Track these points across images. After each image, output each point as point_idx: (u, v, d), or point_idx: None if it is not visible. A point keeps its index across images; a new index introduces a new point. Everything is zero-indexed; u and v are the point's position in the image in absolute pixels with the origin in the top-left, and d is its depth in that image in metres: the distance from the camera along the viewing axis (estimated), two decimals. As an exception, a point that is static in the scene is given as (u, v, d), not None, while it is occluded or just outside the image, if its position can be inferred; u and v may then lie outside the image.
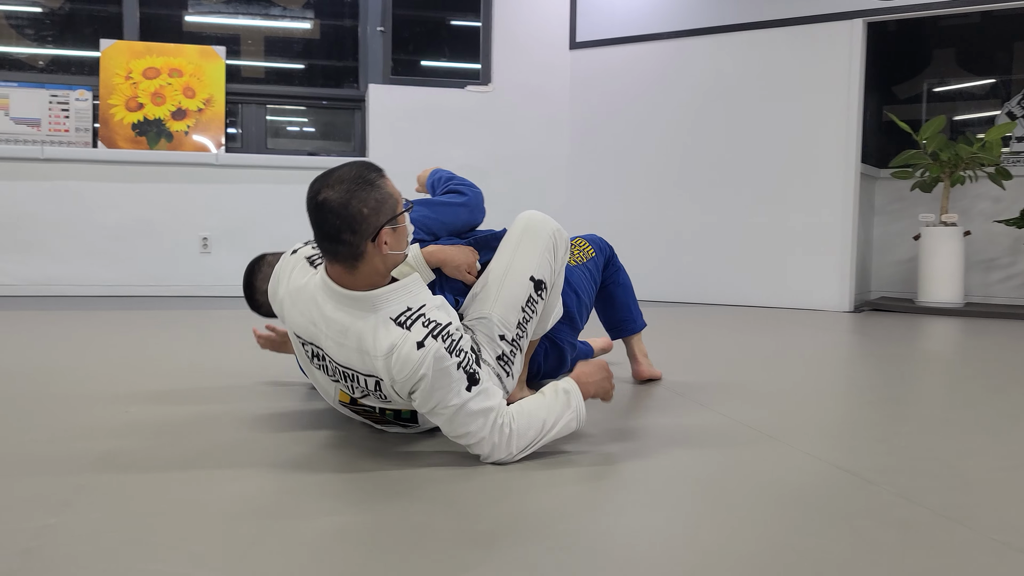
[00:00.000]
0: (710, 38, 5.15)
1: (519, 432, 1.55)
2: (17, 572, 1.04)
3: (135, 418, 1.89)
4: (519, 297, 1.78)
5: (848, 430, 1.90)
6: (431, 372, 1.45)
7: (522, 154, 5.66)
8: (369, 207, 1.43)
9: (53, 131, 5.16)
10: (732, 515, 1.29)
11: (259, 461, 1.55)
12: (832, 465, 1.59)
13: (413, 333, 1.47)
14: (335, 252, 1.46)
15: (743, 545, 1.17)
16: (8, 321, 3.71)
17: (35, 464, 1.51)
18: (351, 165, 1.47)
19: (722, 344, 3.36)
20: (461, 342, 1.51)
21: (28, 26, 5.36)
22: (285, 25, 5.73)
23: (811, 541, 1.19)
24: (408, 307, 1.50)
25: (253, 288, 1.94)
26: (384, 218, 1.45)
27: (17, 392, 2.16)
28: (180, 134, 5.28)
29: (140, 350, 2.94)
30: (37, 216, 5.01)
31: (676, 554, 1.14)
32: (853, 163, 4.81)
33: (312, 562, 1.08)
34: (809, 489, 1.44)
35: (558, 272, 1.87)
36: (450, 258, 1.98)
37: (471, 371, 1.51)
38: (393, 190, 1.49)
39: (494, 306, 1.74)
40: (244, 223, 5.28)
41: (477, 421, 1.50)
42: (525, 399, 1.61)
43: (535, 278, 1.81)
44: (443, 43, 5.95)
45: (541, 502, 1.35)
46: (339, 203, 1.41)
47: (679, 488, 1.44)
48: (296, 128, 5.96)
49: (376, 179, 1.46)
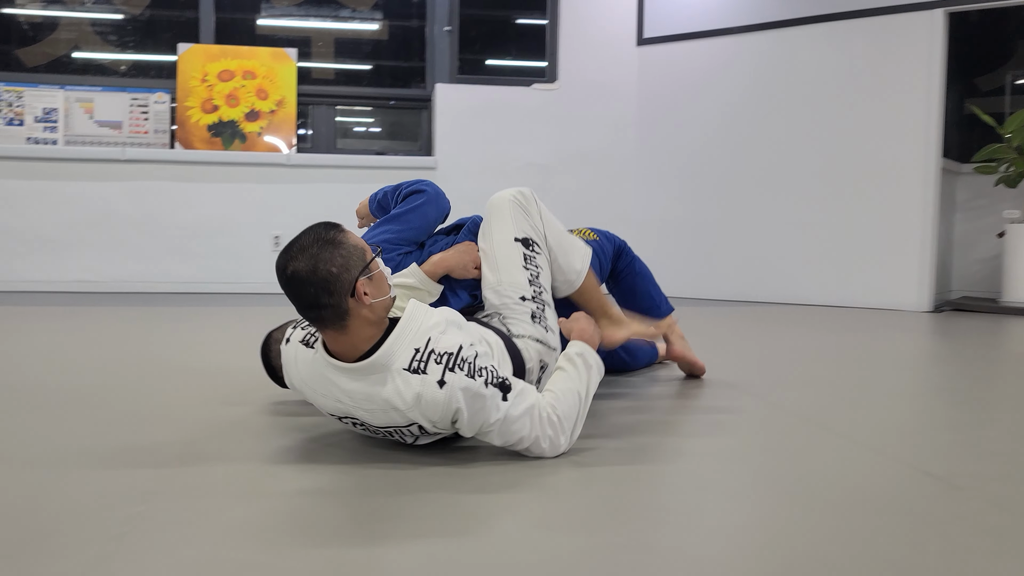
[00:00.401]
0: (782, 31, 5.04)
1: (565, 415, 1.57)
2: (112, 555, 1.07)
3: (215, 412, 1.94)
4: (514, 260, 1.88)
5: (932, 433, 1.84)
6: (463, 402, 1.45)
7: (588, 152, 5.64)
8: (337, 265, 1.41)
9: (133, 133, 5.34)
10: (815, 519, 1.26)
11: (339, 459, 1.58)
12: (917, 469, 1.54)
13: (430, 375, 1.45)
14: (321, 319, 1.44)
15: (829, 550, 1.14)
16: (94, 316, 3.85)
17: (123, 455, 1.56)
18: (308, 231, 1.45)
19: (795, 344, 3.28)
20: (478, 360, 1.49)
21: (111, 32, 5.56)
22: (354, 27, 5.81)
23: (901, 548, 1.15)
24: (416, 349, 1.47)
25: (273, 369, 1.97)
26: (355, 271, 1.43)
27: (103, 384, 2.24)
28: (253, 135, 5.40)
29: (217, 344, 3.02)
30: (119, 215, 5.20)
31: (757, 558, 1.12)
32: (933, 158, 4.65)
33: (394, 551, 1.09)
34: (894, 494, 1.39)
35: (543, 225, 1.94)
36: (453, 264, 2.01)
37: (499, 381, 1.50)
38: (356, 241, 1.47)
39: (500, 279, 1.86)
40: (313, 221, 5.37)
41: (524, 425, 1.51)
42: (553, 381, 1.64)
43: (518, 237, 1.91)
44: (509, 42, 5.96)
45: (614, 499, 1.33)
46: (307, 271, 1.40)
47: (757, 490, 1.41)
48: (363, 128, 6.05)
49: (335, 236, 1.44)
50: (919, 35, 4.65)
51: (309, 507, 1.27)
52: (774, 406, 2.10)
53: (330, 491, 1.35)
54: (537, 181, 5.58)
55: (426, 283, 1.97)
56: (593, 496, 1.35)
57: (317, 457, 1.56)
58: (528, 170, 5.60)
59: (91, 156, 5.16)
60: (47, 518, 1.21)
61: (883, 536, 1.19)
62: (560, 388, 1.61)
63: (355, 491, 1.36)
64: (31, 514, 1.23)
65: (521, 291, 1.86)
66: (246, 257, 5.34)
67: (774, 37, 5.07)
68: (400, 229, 2.12)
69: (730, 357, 2.91)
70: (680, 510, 1.30)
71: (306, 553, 1.09)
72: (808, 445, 1.72)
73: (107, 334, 3.25)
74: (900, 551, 1.14)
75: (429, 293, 1.99)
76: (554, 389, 1.61)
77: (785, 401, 2.16)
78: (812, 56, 4.96)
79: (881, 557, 1.11)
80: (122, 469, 1.46)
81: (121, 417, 1.86)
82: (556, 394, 1.59)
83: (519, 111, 5.58)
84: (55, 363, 2.56)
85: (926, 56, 4.63)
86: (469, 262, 2.02)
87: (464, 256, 2.02)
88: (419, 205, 2.16)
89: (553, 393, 1.59)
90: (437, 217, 2.20)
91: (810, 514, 1.28)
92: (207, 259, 5.29)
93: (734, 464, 1.57)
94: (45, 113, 5.25)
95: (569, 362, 1.68)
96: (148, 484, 1.37)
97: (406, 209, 2.16)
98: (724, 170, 5.27)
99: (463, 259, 2.02)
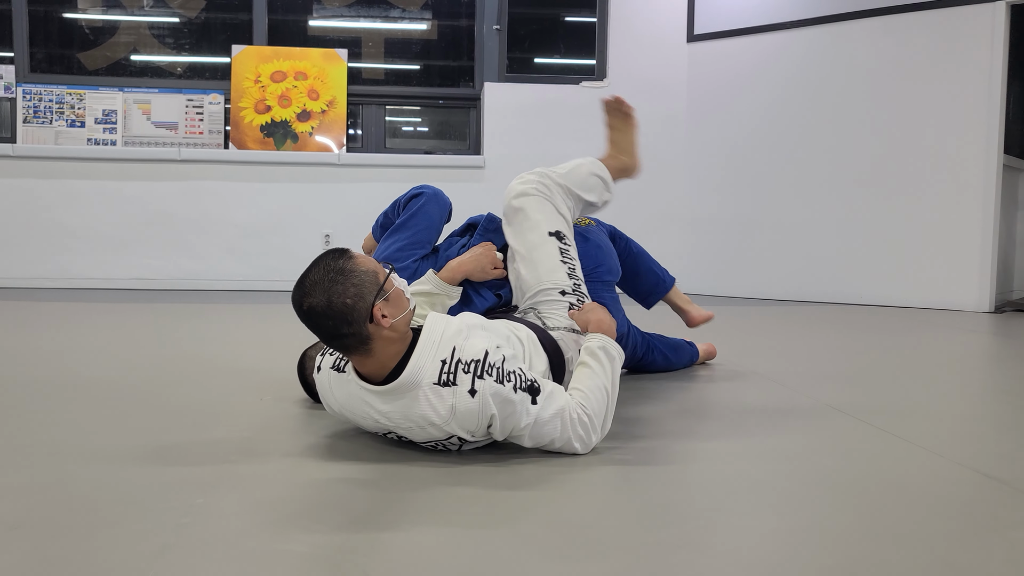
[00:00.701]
0: (836, 26, 4.94)
1: (595, 412, 1.57)
2: (173, 546, 1.10)
3: (269, 407, 1.97)
4: (552, 255, 1.92)
5: (995, 436, 1.79)
6: (496, 408, 1.45)
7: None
8: (351, 296, 1.40)
9: (189, 134, 5.45)
10: (876, 523, 1.24)
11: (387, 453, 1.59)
12: (978, 472, 1.50)
13: (460, 385, 1.45)
14: (345, 347, 1.45)
15: (888, 553, 1.11)
16: (151, 314, 3.95)
17: (180, 449, 1.60)
18: (317, 264, 1.44)
19: (850, 344, 3.22)
20: (506, 364, 1.49)
21: (168, 35, 5.69)
22: (403, 27, 5.86)
23: (961, 553, 1.12)
24: (442, 361, 1.47)
25: (309, 385, 1.99)
26: (370, 297, 1.42)
27: (160, 380, 2.29)
28: (305, 135, 5.48)
29: (271, 341, 3.07)
30: (175, 214, 5.32)
31: (814, 560, 1.10)
32: (995, 154, 4.52)
33: (448, 547, 1.10)
34: (957, 498, 1.36)
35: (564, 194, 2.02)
36: (471, 268, 2.01)
37: (527, 385, 1.49)
38: (367, 266, 1.46)
39: (539, 278, 1.90)
40: (364, 220, 5.40)
41: (555, 427, 1.51)
42: (578, 378, 1.64)
43: (551, 231, 1.95)
44: (558, 39, 5.95)
45: (662, 499, 1.32)
46: (323, 306, 1.40)
47: (812, 491, 1.39)
48: (412, 128, 6.09)
49: (345, 265, 1.43)
50: (980, 28, 4.52)
51: (359, 501, 1.29)
52: (829, 407, 2.06)
53: (380, 485, 1.37)
54: (585, 179, 5.55)
55: (444, 288, 1.98)
56: (637, 494, 1.35)
57: (367, 452, 1.58)
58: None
59: (148, 156, 5.28)
60: (109, 509, 1.24)
61: (942, 540, 1.16)
62: (587, 386, 1.60)
63: (402, 485, 1.37)
64: (93, 505, 1.26)
65: (561, 285, 1.89)
66: (298, 256, 5.38)
67: (827, 32, 4.97)
68: (409, 235, 2.15)
69: (783, 357, 2.87)
70: (734, 511, 1.28)
71: (365, 546, 1.11)
72: (865, 446, 1.68)
73: (163, 331, 3.33)
74: (960, 555, 1.11)
75: (449, 297, 1.99)
76: (581, 387, 1.60)
77: (840, 402, 2.12)
78: (868, 50, 4.85)
79: (941, 561, 1.09)
80: (180, 462, 1.50)
81: (177, 412, 1.91)
82: (584, 392, 1.59)
83: (568, 109, 5.57)
84: (114, 359, 2.63)
85: (988, 49, 4.50)
86: (487, 264, 2.03)
87: (481, 259, 2.03)
88: (420, 207, 2.19)
89: (581, 392, 1.59)
90: (441, 214, 2.22)
91: (867, 516, 1.26)
92: (260, 258, 5.38)
93: (786, 464, 1.54)
94: (105, 115, 5.39)
95: (592, 357, 1.67)
96: (206, 477, 1.40)
97: (409, 215, 2.19)
98: (775, 167, 5.19)
99: (480, 262, 2.03)
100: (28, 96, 5.33)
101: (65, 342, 2.94)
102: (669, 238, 5.50)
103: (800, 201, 5.12)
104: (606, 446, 1.63)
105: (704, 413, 1.99)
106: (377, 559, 1.06)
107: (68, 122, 5.35)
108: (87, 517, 1.20)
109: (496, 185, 5.50)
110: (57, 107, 5.35)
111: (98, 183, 5.25)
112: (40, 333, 3.17)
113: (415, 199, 2.22)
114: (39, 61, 5.48)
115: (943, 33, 4.63)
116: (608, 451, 1.60)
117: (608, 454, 1.58)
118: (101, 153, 5.26)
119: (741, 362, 2.73)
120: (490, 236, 2.15)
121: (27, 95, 5.32)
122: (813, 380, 2.43)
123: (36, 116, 5.33)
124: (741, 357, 2.82)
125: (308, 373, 1.96)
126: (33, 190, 5.20)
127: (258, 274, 5.38)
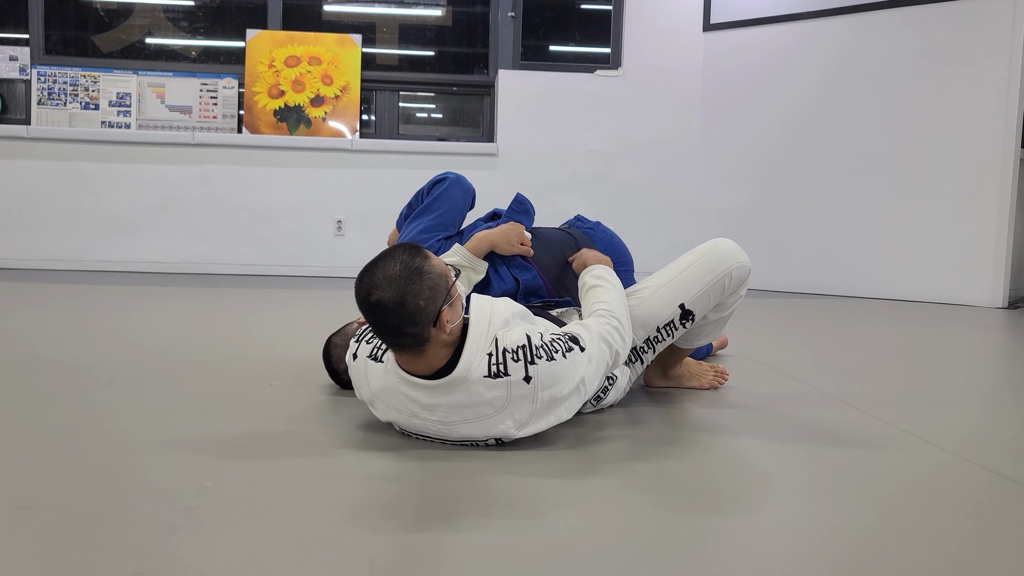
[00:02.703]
0: (854, 17, 4.89)
1: (622, 316, 1.70)
2: (181, 527, 1.11)
3: (280, 393, 1.98)
4: (658, 319, 1.87)
5: (1005, 433, 1.77)
6: (559, 384, 1.48)
7: (652, 139, 5.57)
8: (425, 298, 1.38)
9: (203, 118, 5.46)
10: (884, 518, 1.23)
11: (401, 440, 1.60)
12: (988, 470, 1.49)
13: (514, 375, 1.44)
14: (401, 344, 1.42)
15: (895, 550, 1.11)
16: (164, 296, 3.97)
17: (192, 433, 1.61)
18: (393, 258, 1.41)
19: (863, 338, 3.20)
20: (545, 337, 1.51)
21: (183, 19, 5.69)
22: (418, 12, 5.84)
23: (969, 550, 1.11)
24: (489, 355, 1.45)
25: (335, 372, 1.99)
26: (440, 301, 1.40)
27: (173, 363, 2.30)
28: (318, 120, 5.48)
29: (282, 326, 3.08)
30: (188, 198, 5.33)
31: (820, 554, 1.10)
32: (1012, 148, 4.47)
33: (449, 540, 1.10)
34: (966, 495, 1.35)
35: (716, 307, 1.92)
36: (498, 239, 2.02)
37: (571, 344, 1.53)
38: (440, 268, 1.44)
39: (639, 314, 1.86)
40: (376, 206, 5.44)
41: (603, 348, 1.60)
42: (597, 296, 1.75)
43: (685, 306, 1.86)
44: (573, 27, 5.91)
45: (669, 491, 1.32)
46: (395, 302, 1.36)
47: (822, 486, 1.38)
48: (425, 114, 6.08)
49: (423, 264, 1.40)
50: (1000, 20, 4.47)
51: (371, 487, 1.29)
52: (839, 401, 2.05)
53: (393, 473, 1.37)
54: (599, 168, 5.54)
55: (472, 260, 1.97)
56: (656, 490, 1.34)
57: (379, 440, 1.58)
58: (590, 157, 5.57)
59: (162, 140, 5.30)
60: (119, 492, 1.25)
61: (951, 536, 1.16)
62: (608, 298, 1.73)
63: (420, 473, 1.37)
64: (101, 487, 1.27)
65: (649, 334, 1.88)
66: (311, 241, 5.43)
67: (844, 23, 4.93)
68: (431, 217, 2.15)
69: (795, 351, 2.86)
70: (741, 504, 1.28)
71: (367, 531, 1.11)
72: (874, 442, 1.67)
73: (175, 315, 3.34)
74: (968, 552, 1.10)
75: (475, 271, 1.99)
76: (604, 299, 1.73)
77: (850, 396, 2.11)
78: (886, 42, 4.80)
79: (949, 558, 1.08)
80: (189, 445, 1.50)
81: (187, 395, 1.92)
82: (608, 303, 1.71)
83: (582, 98, 5.54)
84: (125, 342, 2.64)
85: (1007, 42, 4.45)
86: (514, 237, 2.02)
87: (509, 232, 2.03)
88: (444, 190, 2.20)
89: (605, 303, 1.71)
90: (464, 199, 2.22)
91: (875, 512, 1.25)
92: (272, 242, 5.39)
93: (797, 459, 1.54)
94: (119, 98, 5.41)
95: (599, 279, 1.80)
96: (216, 461, 1.41)
97: (432, 199, 2.19)
98: (790, 159, 5.16)
99: (508, 234, 2.02)
100: (43, 78, 5.34)
101: (76, 324, 2.96)
102: (680, 229, 5.48)
103: (813, 193, 5.09)
104: (609, 436, 1.63)
105: (712, 406, 1.98)
106: (382, 544, 1.07)
107: (82, 104, 5.37)
108: (95, 499, 1.21)
109: (510, 173, 5.50)
110: (71, 89, 5.37)
111: (112, 166, 5.27)
112: (51, 315, 3.19)
113: (438, 184, 2.23)
114: (54, 43, 5.50)
115: (961, 25, 4.58)
116: (611, 443, 1.60)
117: (611, 447, 1.58)
118: (115, 136, 5.28)
119: (751, 354, 2.72)
120: (518, 217, 2.14)
121: (42, 77, 5.34)
122: (823, 374, 2.42)
123: (50, 98, 5.35)
124: (751, 349, 2.81)
125: (335, 361, 1.97)
126: (47, 172, 5.23)
127: (270, 259, 5.40)
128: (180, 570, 0.98)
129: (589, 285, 1.80)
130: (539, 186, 5.47)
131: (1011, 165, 4.48)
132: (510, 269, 2.05)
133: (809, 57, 5.05)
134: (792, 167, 5.15)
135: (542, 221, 2.66)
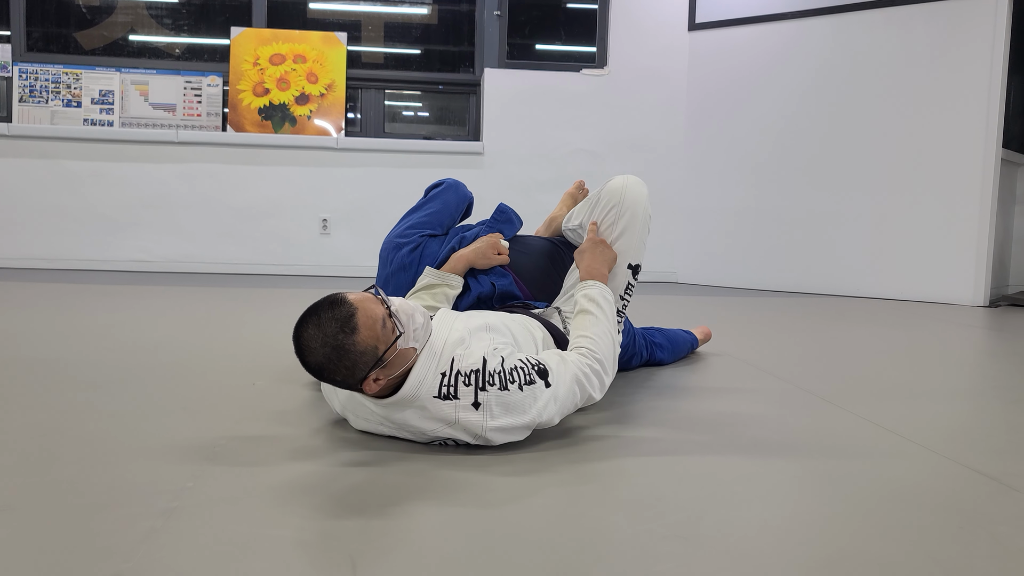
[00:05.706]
0: (838, 17, 4.92)
1: (605, 356, 1.62)
2: (160, 530, 1.10)
3: (262, 392, 1.97)
4: (620, 284, 1.87)
5: (986, 432, 1.79)
6: (508, 414, 1.45)
7: (637, 138, 5.58)
8: (342, 374, 1.37)
9: (187, 115, 5.43)
10: (862, 516, 1.24)
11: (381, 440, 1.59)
12: (970, 468, 1.50)
13: (463, 399, 1.43)
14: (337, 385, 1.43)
15: (875, 548, 1.12)
16: (147, 296, 3.94)
17: (172, 434, 1.60)
18: (318, 325, 1.35)
19: (847, 337, 3.22)
20: (506, 363, 1.47)
21: (166, 16, 5.66)
22: (404, 11, 5.83)
23: (950, 548, 1.12)
24: (442, 374, 1.44)
25: None
26: (361, 373, 1.37)
27: (154, 363, 2.29)
28: (303, 118, 5.46)
29: (267, 325, 3.07)
30: (172, 197, 5.30)
31: (801, 553, 1.10)
32: (993, 148, 4.51)
33: (436, 533, 1.10)
34: (944, 492, 1.36)
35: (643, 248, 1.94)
36: (473, 257, 2.03)
37: (534, 375, 1.48)
38: (367, 343, 1.36)
39: None
40: (362, 205, 5.43)
41: (574, 390, 1.55)
42: (583, 325, 1.67)
43: (632, 264, 1.89)
44: (559, 26, 5.92)
45: (652, 490, 1.33)
46: (317, 366, 1.37)
47: (803, 485, 1.39)
48: (411, 113, 6.07)
49: (344, 342, 1.34)
50: (982, 20, 4.50)
51: (352, 486, 1.29)
52: (819, 398, 2.06)
53: (375, 473, 1.37)
54: (585, 168, 5.55)
55: (443, 277, 1.99)
56: (628, 485, 1.35)
57: (360, 440, 1.58)
58: (576, 156, 5.57)
59: (146, 138, 5.26)
60: (99, 493, 1.24)
61: (931, 535, 1.17)
62: (594, 332, 1.66)
63: (396, 471, 1.37)
64: (81, 488, 1.26)
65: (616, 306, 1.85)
66: (295, 240, 5.41)
67: (828, 23, 4.95)
68: (421, 215, 2.19)
69: (779, 350, 2.87)
70: (723, 503, 1.29)
71: (349, 531, 1.11)
72: (854, 440, 1.68)
73: (161, 314, 3.32)
74: (948, 551, 1.11)
75: (450, 287, 2.00)
76: (589, 334, 1.65)
77: (831, 394, 2.12)
78: (870, 43, 4.83)
79: (929, 556, 1.09)
80: (173, 447, 1.49)
81: (169, 395, 1.91)
82: (592, 339, 1.64)
83: (568, 97, 5.55)
84: (107, 341, 2.62)
85: (989, 42, 4.49)
86: (488, 250, 2.04)
87: (484, 248, 2.05)
88: (439, 192, 2.25)
89: (589, 338, 1.64)
90: (459, 202, 2.24)
91: (855, 510, 1.26)
92: (257, 241, 5.37)
93: (779, 458, 1.54)
94: (102, 95, 5.37)
95: (592, 303, 1.72)
96: (195, 461, 1.40)
97: (427, 199, 2.24)
98: (776, 159, 5.18)
99: (482, 250, 2.04)
100: (24, 75, 5.30)
101: (58, 324, 2.94)
102: (666, 228, 5.50)
103: (798, 193, 5.11)
104: (598, 435, 1.63)
105: (695, 405, 1.99)
106: (364, 543, 1.07)
107: (64, 102, 5.33)
108: (75, 500, 1.20)
109: (496, 172, 5.50)
110: (53, 87, 5.33)
111: (95, 164, 5.23)
112: (33, 314, 3.16)
113: (436, 187, 2.27)
114: (36, 40, 5.45)
115: (945, 25, 4.61)
116: (599, 441, 1.61)
117: (599, 445, 1.59)
118: (98, 134, 5.24)
119: (734, 353, 2.73)
120: (500, 227, 2.16)
121: (23, 74, 5.30)
122: (807, 372, 2.43)
123: (32, 96, 5.31)
124: (735, 348, 2.82)
125: None
126: (29, 170, 5.18)
127: (255, 258, 5.37)
128: (160, 571, 0.98)
129: (580, 308, 1.73)
130: (525, 185, 5.47)
131: (992, 165, 4.52)
132: (488, 275, 2.06)
133: (794, 57, 5.08)
134: (777, 166, 5.18)
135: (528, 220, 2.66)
